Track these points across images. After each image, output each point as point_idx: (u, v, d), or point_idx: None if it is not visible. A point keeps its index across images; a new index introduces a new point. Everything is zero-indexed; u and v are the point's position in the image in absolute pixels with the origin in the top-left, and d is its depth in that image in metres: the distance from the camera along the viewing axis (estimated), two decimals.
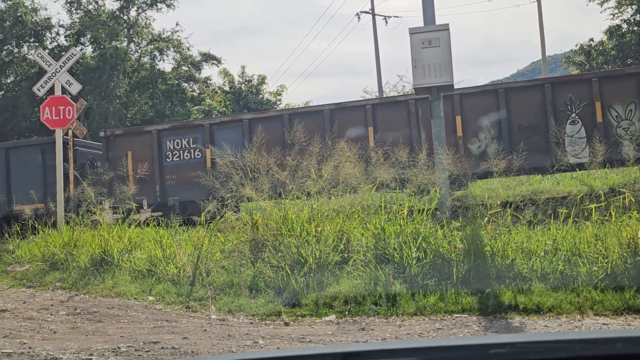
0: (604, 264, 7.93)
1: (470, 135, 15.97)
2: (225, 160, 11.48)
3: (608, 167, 14.66)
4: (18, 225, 13.82)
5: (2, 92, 40.13)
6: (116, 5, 40.01)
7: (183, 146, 17.62)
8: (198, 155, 17.49)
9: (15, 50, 39.20)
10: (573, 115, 15.58)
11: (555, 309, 7.34)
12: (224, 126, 17.91)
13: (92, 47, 39.55)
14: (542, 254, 8.42)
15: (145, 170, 15.24)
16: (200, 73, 42.24)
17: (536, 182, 17.84)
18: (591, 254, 8.22)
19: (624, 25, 34.05)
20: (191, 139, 17.62)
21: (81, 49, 38.56)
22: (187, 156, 17.55)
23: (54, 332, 7.70)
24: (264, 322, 7.83)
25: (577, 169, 13.71)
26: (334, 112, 16.73)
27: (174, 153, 17.54)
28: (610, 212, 8.90)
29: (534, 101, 15.82)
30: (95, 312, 8.64)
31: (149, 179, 16.93)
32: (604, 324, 6.90)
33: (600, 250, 8.18)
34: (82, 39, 39.83)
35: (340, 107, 16.93)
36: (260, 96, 39.67)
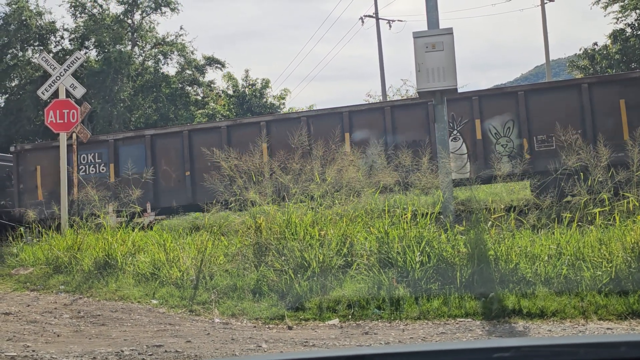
0: (608, 269, 7.92)
1: (360, 152, 16.11)
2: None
3: (493, 182, 15.36)
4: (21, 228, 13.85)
5: (7, 95, 40.19)
6: (120, 9, 40.09)
7: (89, 161, 18.26)
8: (103, 170, 18.20)
9: (20, 53, 39.26)
10: (455, 132, 16.22)
11: (559, 314, 7.33)
12: (128, 142, 18.60)
13: (96, 51, 39.60)
14: (546, 258, 8.41)
15: (52, 185, 16.04)
16: (204, 77, 42.24)
17: None
18: (595, 259, 8.21)
19: (628, 30, 34.02)
20: (97, 154, 18.27)
21: (85, 53, 38.62)
22: (92, 171, 18.17)
23: (58, 335, 7.71)
24: (267, 326, 7.83)
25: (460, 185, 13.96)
26: (231, 127, 17.77)
27: (80, 168, 17.95)
28: (614, 216, 8.89)
29: (419, 118, 16.39)
30: (99, 315, 8.64)
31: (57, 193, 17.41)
32: (608, 328, 6.88)
33: (605, 255, 8.17)
34: (87, 42, 39.88)
35: (236, 124, 18.20)
36: (264, 100, 39.67)
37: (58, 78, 14.57)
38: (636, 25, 33.73)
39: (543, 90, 16.33)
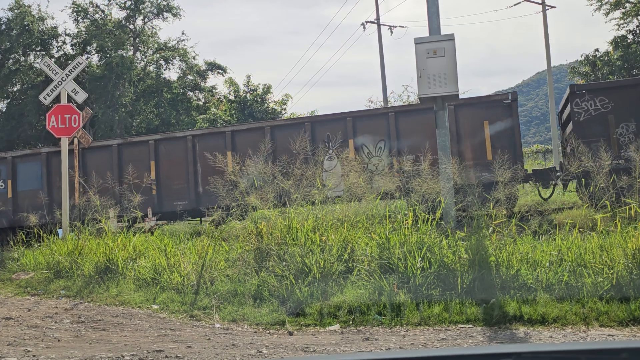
0: (609, 275, 7.90)
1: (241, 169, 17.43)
2: None
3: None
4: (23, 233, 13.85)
5: (9, 100, 40.25)
6: (122, 14, 40.19)
7: None
8: (1, 186, 19.24)
9: (22, 58, 39.33)
10: (330, 151, 17.13)
11: (560, 320, 7.32)
12: (25, 159, 19.65)
13: (98, 56, 39.67)
14: (547, 264, 8.40)
15: None
16: (205, 82, 42.31)
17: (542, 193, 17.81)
18: (596, 265, 8.19)
19: (630, 36, 34.07)
20: None
21: (87, 58, 38.68)
22: None
23: (58, 340, 7.70)
24: (267, 332, 7.82)
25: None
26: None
27: None
28: (615, 222, 8.88)
29: (297, 138, 16.67)
30: (100, 320, 8.64)
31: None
32: (609, 335, 6.87)
33: (606, 261, 8.16)
34: (89, 47, 39.95)
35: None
36: (266, 105, 39.74)
37: (60, 83, 14.58)
38: (637, 31, 33.78)
39: (412, 111, 17.11)
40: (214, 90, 42.77)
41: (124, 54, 38.37)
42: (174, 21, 48.09)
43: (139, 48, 41.14)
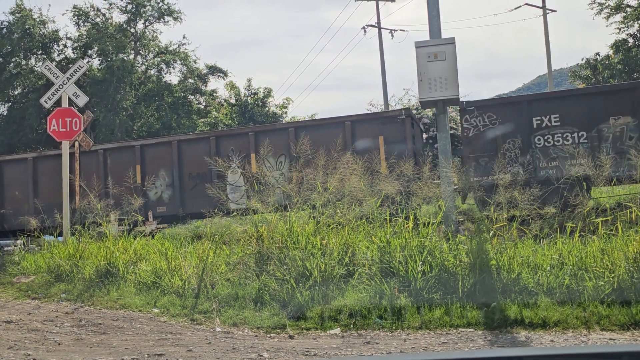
0: (611, 279, 7.89)
1: (149, 183, 18.50)
2: None
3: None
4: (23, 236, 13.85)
5: (10, 104, 40.28)
6: (123, 18, 40.21)
7: None
8: None
9: (23, 62, 39.37)
10: (234, 165, 17.87)
11: (561, 324, 7.31)
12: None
13: (99, 60, 39.69)
14: (548, 268, 8.39)
15: None
16: (206, 86, 42.32)
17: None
18: (597, 269, 8.18)
19: (630, 40, 34.08)
20: None
21: (88, 62, 38.70)
22: None
23: (59, 344, 7.69)
24: (268, 335, 7.81)
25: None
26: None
27: None
28: (616, 226, 8.88)
29: (203, 152, 18.08)
30: (100, 324, 8.63)
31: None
32: (610, 338, 6.86)
33: (607, 265, 8.15)
34: (90, 51, 39.97)
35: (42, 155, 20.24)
36: (266, 109, 39.72)
37: (61, 86, 14.59)
38: (638, 35, 33.79)
39: (311, 127, 17.97)
40: (214, 94, 42.78)
41: (125, 58, 38.39)
42: (175, 25, 48.22)
43: (140, 52, 41.17)
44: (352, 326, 7.81)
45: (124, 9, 39.93)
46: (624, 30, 34.40)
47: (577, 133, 15.61)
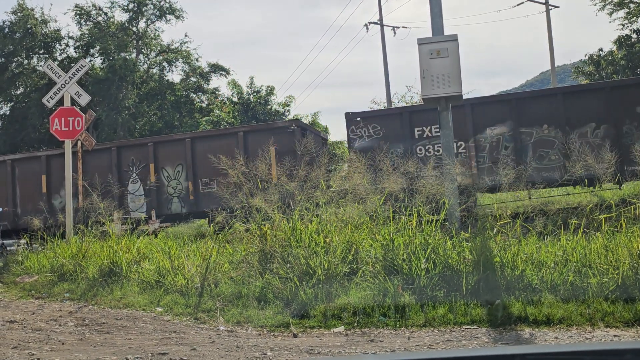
0: (615, 275, 7.87)
1: (54, 192, 19.37)
2: None
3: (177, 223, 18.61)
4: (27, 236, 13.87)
5: (12, 103, 40.36)
6: (125, 17, 40.26)
7: None
8: None
9: (25, 61, 39.43)
10: (134, 175, 18.95)
11: (565, 321, 7.29)
12: None
13: (101, 59, 39.76)
14: (552, 265, 8.37)
15: None
16: (208, 84, 42.36)
17: (546, 193, 17.78)
18: (601, 265, 8.16)
19: (634, 35, 34.01)
20: None
21: (90, 61, 38.76)
22: None
23: (63, 343, 7.69)
24: (272, 334, 7.80)
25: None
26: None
27: None
28: (620, 222, 8.85)
29: (105, 162, 19.04)
30: (104, 323, 8.63)
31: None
32: (614, 335, 6.84)
33: (611, 261, 8.13)
34: (92, 50, 40.05)
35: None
36: (269, 107, 39.70)
37: (63, 86, 14.60)
38: None
39: (207, 137, 18.76)
40: (217, 92, 42.80)
41: (127, 57, 38.44)
42: (176, 23, 48.19)
43: (142, 50, 41.21)
44: (355, 324, 7.80)
45: (126, 7, 39.99)
46: (628, 26, 34.36)
47: (455, 143, 16.07)
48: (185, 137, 18.74)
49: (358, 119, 17.17)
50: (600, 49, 35.52)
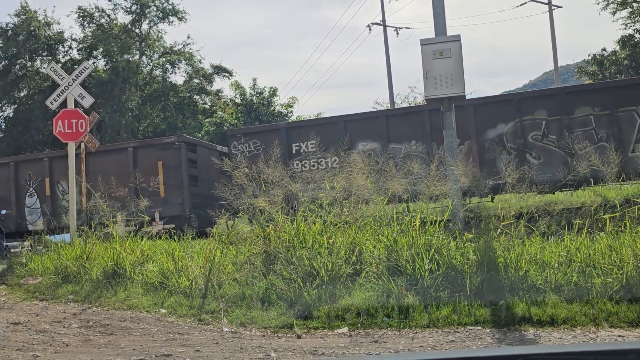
0: (619, 275, 7.86)
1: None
2: None
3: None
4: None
5: (16, 105, 40.42)
6: (128, 18, 40.29)
7: None
8: None
9: (29, 64, 39.49)
10: (30, 189, 19.65)
11: (569, 321, 7.28)
12: None
13: (104, 61, 39.80)
14: (556, 265, 8.36)
15: None
16: (211, 85, 42.36)
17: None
18: (606, 265, 8.15)
19: (637, 35, 33.97)
20: None
21: (93, 63, 38.82)
22: None
23: (67, 345, 7.70)
24: (276, 335, 7.80)
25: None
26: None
27: None
28: (624, 222, 8.84)
29: (4, 177, 19.86)
30: (108, 324, 8.64)
31: None
32: (619, 335, 6.83)
33: (615, 262, 8.12)
34: (95, 52, 40.08)
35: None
36: (272, 108, 39.69)
37: (66, 88, 14.61)
38: None
39: (100, 152, 18.83)
40: (220, 94, 42.81)
41: (130, 58, 38.49)
42: (179, 25, 48.21)
43: (145, 52, 41.23)
44: (359, 325, 7.80)
45: (129, 9, 40.01)
46: (631, 26, 34.31)
47: (330, 158, 16.58)
48: (80, 153, 19.04)
49: (240, 134, 17.80)
50: (604, 49, 35.49)
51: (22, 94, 40.35)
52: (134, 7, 39.93)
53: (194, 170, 18.69)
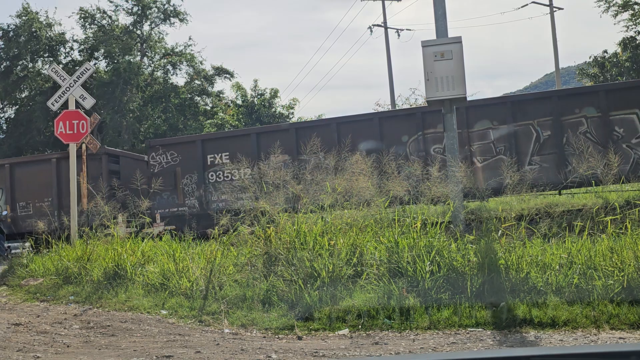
0: (620, 277, 7.86)
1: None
2: None
3: None
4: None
5: (17, 106, 40.46)
6: (129, 20, 40.31)
7: None
8: None
9: (30, 65, 39.53)
10: None
11: (570, 323, 7.28)
12: None
13: (105, 62, 39.83)
14: (557, 267, 8.35)
15: None
16: (213, 87, 42.36)
17: (551, 195, 17.73)
18: (607, 267, 8.15)
19: (638, 37, 33.97)
20: None
21: (95, 64, 38.82)
22: None
23: (67, 346, 7.71)
24: (277, 336, 7.80)
25: None
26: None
27: None
28: (625, 224, 8.84)
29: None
30: (109, 326, 8.64)
31: None
32: (620, 337, 6.83)
33: (616, 264, 8.11)
34: (96, 53, 40.11)
35: None
36: (273, 109, 39.72)
37: (68, 89, 14.63)
38: None
39: (25, 163, 19.79)
40: (221, 95, 42.82)
41: (132, 60, 38.48)
42: (181, 26, 48.20)
43: (146, 53, 41.25)
44: (360, 327, 7.80)
45: (130, 11, 40.04)
46: (632, 28, 34.31)
47: (243, 169, 16.90)
48: (5, 163, 19.52)
49: (158, 146, 18.04)
50: (605, 51, 35.51)
51: (23, 95, 40.39)
52: (135, 9, 39.97)
53: (124, 181, 18.85)
